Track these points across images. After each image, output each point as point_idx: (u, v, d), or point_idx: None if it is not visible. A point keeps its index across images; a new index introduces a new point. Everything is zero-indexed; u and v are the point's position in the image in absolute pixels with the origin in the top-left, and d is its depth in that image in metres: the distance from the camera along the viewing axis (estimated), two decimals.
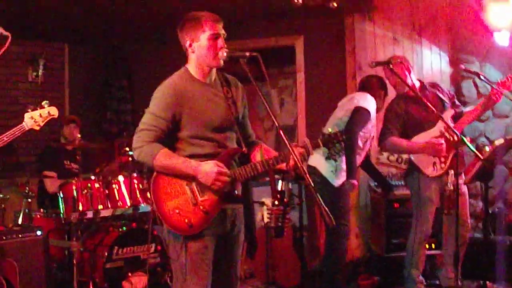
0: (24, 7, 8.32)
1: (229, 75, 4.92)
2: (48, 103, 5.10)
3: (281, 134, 4.35)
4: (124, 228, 7.71)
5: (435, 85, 7.44)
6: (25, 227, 7.08)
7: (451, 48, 9.31)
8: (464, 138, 5.62)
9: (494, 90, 6.93)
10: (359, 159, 7.01)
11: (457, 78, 9.22)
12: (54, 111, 5.09)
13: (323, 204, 4.23)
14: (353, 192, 7.03)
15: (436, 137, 6.95)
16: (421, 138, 7.05)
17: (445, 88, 7.55)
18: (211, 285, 4.71)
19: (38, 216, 7.87)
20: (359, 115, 6.88)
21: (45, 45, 10.86)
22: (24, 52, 10.54)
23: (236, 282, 4.85)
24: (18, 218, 7.91)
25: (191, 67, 4.73)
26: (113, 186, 7.82)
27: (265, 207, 7.58)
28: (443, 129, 6.97)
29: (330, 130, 4.69)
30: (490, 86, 7.00)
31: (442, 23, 9.34)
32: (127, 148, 7.69)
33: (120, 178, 7.90)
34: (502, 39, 8.45)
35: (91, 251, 7.48)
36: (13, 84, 10.51)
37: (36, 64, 10.64)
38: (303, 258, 7.04)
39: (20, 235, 6.73)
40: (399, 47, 9.04)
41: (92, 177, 7.71)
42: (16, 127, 4.89)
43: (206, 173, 4.47)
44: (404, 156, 8.34)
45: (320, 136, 4.67)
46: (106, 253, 7.35)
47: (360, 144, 6.94)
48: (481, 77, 7.19)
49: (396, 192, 8.22)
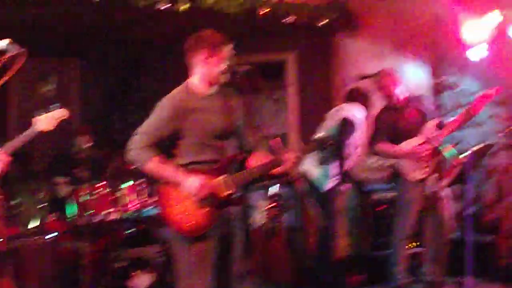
0: (38, 25, 8.28)
1: (227, 87, 4.87)
2: (58, 106, 5.03)
3: (275, 142, 4.36)
4: (130, 231, 7.67)
5: (418, 98, 7.43)
6: (38, 230, 7.07)
7: (431, 62, 9.28)
8: (443, 146, 5.57)
9: (473, 104, 6.94)
10: (350, 164, 6.98)
11: (438, 89, 9.19)
12: (65, 112, 5.01)
13: (314, 207, 4.19)
14: (342, 196, 6.98)
15: (421, 144, 6.96)
16: (407, 145, 7.06)
17: (428, 101, 7.51)
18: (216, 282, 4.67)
19: (50, 220, 7.82)
20: (346, 125, 6.86)
21: (58, 60, 10.84)
22: (37, 67, 10.51)
23: (234, 279, 4.79)
24: (32, 222, 7.86)
25: (195, 81, 4.74)
26: (121, 191, 7.76)
27: (260, 209, 7.55)
28: (428, 137, 6.99)
29: (321, 135, 4.70)
30: (470, 100, 7.03)
31: (423, 39, 9.31)
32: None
33: (127, 184, 7.85)
34: (477, 54, 8.43)
35: (100, 252, 7.42)
36: (26, 98, 10.48)
37: (48, 79, 10.62)
38: (296, 256, 6.99)
39: (33, 238, 6.72)
40: (382, 62, 8.99)
41: (101, 183, 7.65)
42: (29, 130, 4.82)
43: (189, 186, 4.48)
44: (389, 162, 8.32)
45: (312, 141, 4.69)
46: (114, 254, 7.30)
47: (349, 151, 6.91)
48: (459, 89, 7.16)
49: (382, 195, 8.21)
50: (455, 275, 7.48)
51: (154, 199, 7.38)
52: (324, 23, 8.28)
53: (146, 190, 7.78)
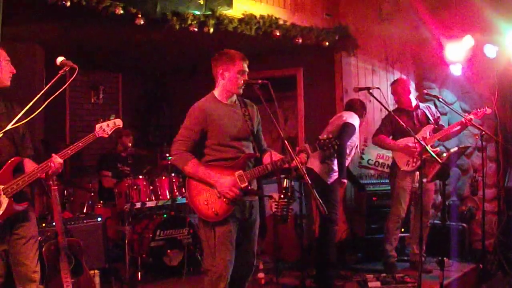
0: (88, 45, 8.34)
1: (247, 100, 5.02)
2: (115, 116, 4.98)
3: (286, 143, 4.41)
4: (165, 216, 7.70)
5: (428, 107, 7.51)
6: (88, 215, 7.10)
7: (417, 77, 9.32)
8: (427, 147, 5.63)
9: (467, 117, 7.01)
10: (347, 163, 7.02)
11: (421, 100, 9.20)
12: (119, 122, 4.94)
13: (318, 198, 4.25)
14: (343, 188, 7.02)
15: (414, 143, 7.01)
16: (401, 142, 7.14)
17: (434, 110, 7.58)
18: (238, 262, 4.79)
19: (99, 206, 7.89)
20: (347, 129, 6.90)
21: (104, 75, 10.92)
22: (88, 80, 10.61)
23: (254, 257, 4.92)
24: (83, 208, 7.94)
25: (218, 92, 4.85)
26: (156, 183, 7.82)
27: (273, 200, 7.58)
28: (421, 138, 7.05)
29: (325, 137, 4.75)
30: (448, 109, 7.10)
31: (410, 57, 9.35)
32: (167, 155, 7.71)
33: (162, 177, 7.91)
34: (456, 70, 8.43)
35: (139, 233, 7.48)
36: (79, 105, 10.58)
37: (97, 90, 10.71)
38: (302, 239, 7.01)
39: (85, 221, 6.79)
40: (376, 76, 9.04)
41: (140, 177, 7.71)
42: (89, 135, 4.73)
43: (222, 185, 4.59)
44: (380, 161, 8.38)
45: (317, 142, 4.73)
46: (151, 235, 7.34)
47: (347, 151, 6.95)
48: (440, 100, 7.24)
49: (374, 188, 8.23)
50: (436, 256, 7.51)
51: (183, 191, 7.46)
52: (328, 44, 8.29)
53: (177, 183, 7.84)
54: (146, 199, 7.62)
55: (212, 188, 4.62)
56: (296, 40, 7.92)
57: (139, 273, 7.25)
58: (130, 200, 7.43)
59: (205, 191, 4.64)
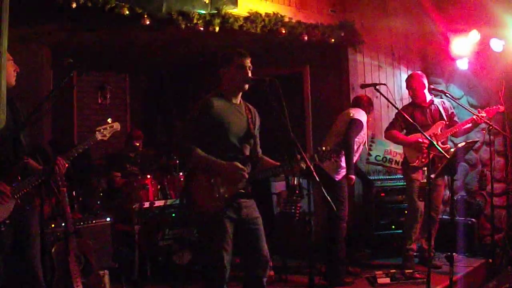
0: (96, 46, 8.36)
1: (250, 105, 5.03)
2: (112, 120, 5.09)
3: (296, 142, 4.41)
4: (173, 215, 7.71)
5: (443, 102, 7.50)
6: (97, 215, 7.11)
7: (423, 72, 9.24)
8: (434, 142, 5.63)
9: (479, 115, 7.02)
10: (354, 159, 7.01)
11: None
12: (117, 125, 5.06)
13: (327, 195, 4.25)
14: (351, 184, 7.00)
15: (424, 139, 7.01)
16: (413, 137, 7.14)
17: (448, 106, 7.56)
18: (250, 261, 4.83)
19: (107, 206, 7.89)
20: (354, 125, 6.90)
21: (111, 75, 10.94)
22: (95, 80, 10.64)
23: (266, 254, 4.84)
24: (92, 208, 7.94)
25: (223, 90, 4.86)
26: (165, 183, 7.84)
27: (281, 197, 7.58)
28: (432, 134, 7.06)
29: (324, 148, 4.79)
30: (476, 111, 7.14)
31: (416, 53, 9.34)
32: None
33: (170, 176, 7.92)
34: (463, 65, 8.43)
35: (148, 233, 7.48)
36: (87, 105, 10.61)
37: (104, 90, 10.72)
38: (310, 236, 7.00)
39: (94, 221, 6.80)
40: (383, 73, 9.02)
41: (149, 176, 7.72)
42: (89, 138, 4.89)
43: (229, 167, 4.60)
44: (388, 157, 8.37)
45: (315, 152, 4.81)
46: (160, 234, 7.36)
47: (355, 148, 6.94)
48: (447, 95, 7.22)
49: (382, 184, 8.23)
50: (445, 251, 7.51)
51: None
52: (334, 40, 8.28)
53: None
54: (155, 199, 7.63)
55: (211, 187, 4.63)
56: (302, 38, 7.90)
57: (148, 273, 7.26)
58: (139, 200, 7.44)
59: (204, 190, 4.64)
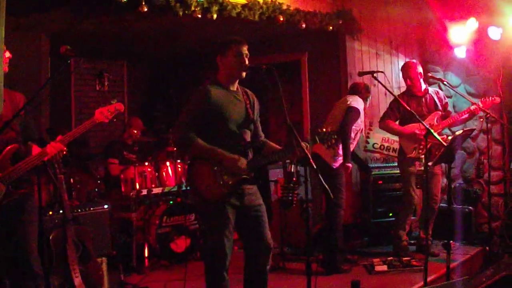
0: (94, 34, 8.33)
1: (248, 90, 5.01)
2: (116, 100, 4.91)
3: (293, 130, 4.40)
4: (171, 202, 7.72)
5: (436, 92, 7.47)
6: (95, 202, 7.10)
7: (421, 60, 9.28)
8: (431, 130, 5.62)
9: (475, 106, 7.00)
10: (352, 147, 7.01)
11: (426, 83, 9.20)
12: (120, 106, 4.86)
13: (324, 182, 4.24)
14: (348, 172, 7.01)
15: (421, 129, 7.02)
16: (409, 128, 7.13)
17: (443, 95, 7.53)
18: (253, 248, 4.86)
19: (105, 194, 7.90)
20: (351, 113, 6.88)
21: (109, 63, 10.91)
22: (93, 68, 10.62)
23: (269, 240, 4.87)
24: (90, 195, 7.94)
25: (220, 77, 4.84)
26: (162, 170, 7.84)
27: (279, 185, 7.58)
28: (428, 124, 7.04)
29: (324, 130, 4.76)
30: (472, 102, 7.11)
31: (414, 41, 9.33)
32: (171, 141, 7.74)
33: (167, 164, 7.92)
34: (461, 53, 8.43)
35: (146, 220, 7.50)
36: (85, 93, 10.59)
37: (102, 78, 10.71)
38: (308, 224, 7.00)
39: (92, 208, 6.76)
40: (381, 60, 9.01)
41: (146, 164, 7.72)
42: (88, 121, 4.68)
43: (230, 159, 4.59)
44: (385, 145, 8.36)
45: (316, 133, 4.77)
46: (157, 221, 7.36)
47: (352, 135, 6.93)
48: (445, 83, 7.20)
49: (380, 172, 8.23)
50: (442, 239, 7.54)
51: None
52: (332, 28, 8.26)
53: (183, 170, 7.86)
54: (152, 186, 7.64)
55: (215, 175, 4.63)
56: (300, 25, 7.89)
57: (146, 260, 7.28)
58: (136, 187, 7.44)
59: (208, 177, 4.63)
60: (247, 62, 4.74)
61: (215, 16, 6.89)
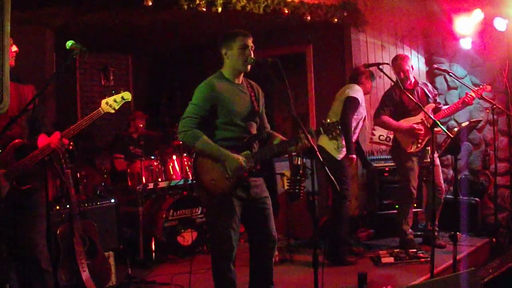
0: (99, 28, 8.34)
1: (253, 82, 5.02)
2: (123, 90, 4.78)
3: (297, 121, 4.41)
4: (177, 196, 7.74)
5: (425, 84, 7.47)
6: (102, 196, 7.13)
7: (426, 52, 9.29)
8: (438, 121, 5.60)
9: (468, 96, 6.99)
10: (354, 137, 6.99)
11: (432, 75, 9.19)
12: (128, 96, 4.71)
13: (330, 174, 4.25)
14: (352, 164, 7.00)
15: (417, 123, 7.02)
16: (406, 122, 7.11)
17: (431, 88, 7.53)
18: (258, 240, 4.89)
19: (112, 188, 7.92)
20: (350, 103, 6.83)
21: (114, 56, 10.93)
22: (98, 62, 10.64)
23: (274, 233, 4.89)
24: (96, 190, 7.97)
25: (225, 71, 4.85)
26: (168, 164, 7.84)
27: (285, 177, 7.59)
28: (423, 118, 7.03)
29: (329, 121, 4.78)
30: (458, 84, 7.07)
31: (419, 32, 9.31)
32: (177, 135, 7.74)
33: (173, 157, 7.93)
34: (466, 44, 8.41)
35: (153, 214, 7.51)
36: (90, 87, 10.62)
37: (107, 71, 10.72)
38: (315, 216, 7.02)
39: (98, 203, 6.79)
40: (386, 52, 9.00)
41: (152, 157, 7.73)
42: (94, 112, 4.57)
43: (232, 162, 4.59)
44: (391, 136, 8.35)
45: (321, 125, 4.78)
46: (164, 215, 7.37)
47: (354, 124, 6.90)
48: (450, 74, 7.17)
49: (386, 164, 8.22)
50: (449, 231, 7.54)
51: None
52: (337, 20, 8.25)
53: (189, 163, 7.86)
54: (159, 180, 7.65)
55: (220, 168, 4.64)
56: (305, 17, 7.88)
57: (153, 254, 7.30)
58: (142, 181, 7.46)
59: (213, 170, 4.64)
60: (252, 55, 4.75)
61: (220, 10, 6.89)
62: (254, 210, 4.82)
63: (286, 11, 7.57)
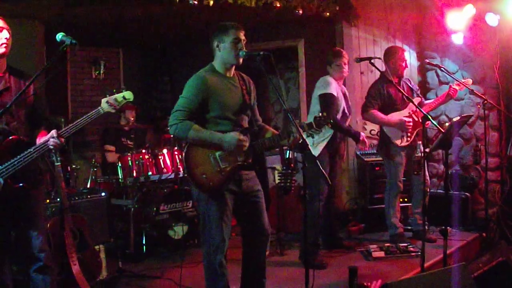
0: (89, 21, 8.31)
1: (244, 74, 5.01)
2: (125, 88, 4.69)
3: (288, 115, 4.41)
4: (168, 189, 7.73)
5: (408, 79, 7.49)
6: (92, 190, 7.10)
7: (418, 46, 9.29)
8: (428, 116, 5.61)
9: (451, 89, 7.03)
10: (347, 122, 6.89)
11: (423, 70, 9.21)
12: (129, 95, 4.61)
13: (322, 168, 4.26)
14: (365, 144, 6.93)
15: (406, 117, 7.02)
16: (394, 116, 7.10)
17: (413, 83, 7.57)
18: (251, 234, 4.91)
19: (102, 181, 7.90)
20: (325, 101, 6.68)
21: (105, 50, 10.90)
22: (88, 56, 10.62)
23: (267, 227, 4.91)
24: (87, 183, 7.96)
25: (216, 64, 4.83)
26: (159, 157, 7.83)
27: (276, 171, 7.59)
28: (411, 111, 7.04)
29: (321, 114, 4.76)
30: (452, 80, 7.07)
31: (411, 27, 9.31)
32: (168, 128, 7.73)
33: (164, 151, 7.92)
34: (458, 39, 8.41)
35: (143, 207, 7.48)
36: (80, 81, 10.59)
37: (98, 65, 10.70)
38: (305, 210, 7.00)
39: (89, 196, 6.72)
40: (378, 47, 9.00)
41: (143, 151, 7.72)
42: (93, 111, 4.42)
43: (229, 141, 4.56)
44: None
45: (313, 119, 4.75)
46: (155, 208, 7.35)
47: (339, 116, 6.78)
48: (442, 69, 7.20)
49: (377, 159, 8.22)
50: (439, 225, 7.56)
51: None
52: (329, 14, 8.25)
53: (180, 156, 7.86)
54: (149, 173, 7.64)
55: (212, 161, 4.63)
56: (297, 11, 7.88)
57: (144, 247, 7.30)
58: (133, 174, 7.45)
59: (204, 164, 4.63)
60: (244, 48, 4.74)
61: (212, 3, 6.88)
62: (247, 204, 4.82)
63: (278, 5, 7.56)
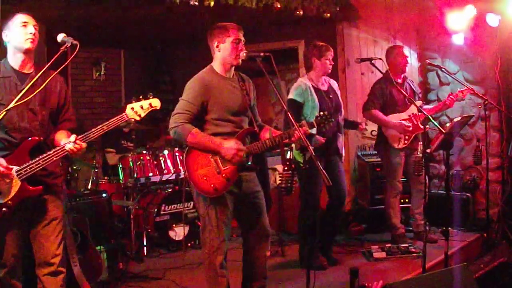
0: (90, 22, 8.31)
1: (243, 74, 5.02)
2: (152, 95, 4.45)
3: (289, 116, 4.42)
4: (169, 190, 7.74)
5: (412, 81, 7.50)
6: (93, 191, 7.11)
7: (419, 47, 9.28)
8: (430, 117, 5.60)
9: (448, 98, 7.06)
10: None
11: (424, 70, 9.20)
12: (156, 103, 4.44)
13: (322, 169, 4.26)
14: (362, 129, 6.91)
15: (405, 120, 7.03)
16: (394, 118, 7.10)
17: (416, 85, 7.61)
18: (251, 235, 4.92)
19: (103, 182, 7.91)
20: (290, 108, 6.12)
21: (106, 51, 10.89)
22: (90, 57, 10.60)
23: (268, 229, 4.95)
24: (88, 184, 7.96)
25: (216, 65, 4.83)
26: (160, 158, 7.84)
27: (277, 172, 7.58)
28: (411, 114, 7.04)
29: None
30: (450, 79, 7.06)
31: (412, 27, 9.30)
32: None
33: (165, 152, 7.93)
34: (458, 40, 8.41)
35: (144, 208, 7.51)
36: (82, 82, 10.58)
37: (99, 66, 10.69)
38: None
39: (90, 197, 6.72)
40: (378, 47, 9.00)
41: (144, 152, 7.73)
42: (117, 117, 4.24)
43: (227, 149, 4.55)
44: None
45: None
46: (156, 210, 7.39)
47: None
48: (443, 70, 7.19)
49: (378, 159, 8.20)
50: (440, 226, 7.54)
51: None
52: (329, 15, 8.25)
53: (181, 157, 7.86)
54: (150, 174, 7.64)
55: (212, 164, 4.62)
56: (297, 12, 7.87)
57: (145, 248, 7.30)
58: (134, 175, 7.45)
59: (204, 166, 4.62)
60: (244, 49, 4.74)
61: (212, 4, 6.87)
62: (247, 205, 4.83)
63: (279, 6, 7.55)
